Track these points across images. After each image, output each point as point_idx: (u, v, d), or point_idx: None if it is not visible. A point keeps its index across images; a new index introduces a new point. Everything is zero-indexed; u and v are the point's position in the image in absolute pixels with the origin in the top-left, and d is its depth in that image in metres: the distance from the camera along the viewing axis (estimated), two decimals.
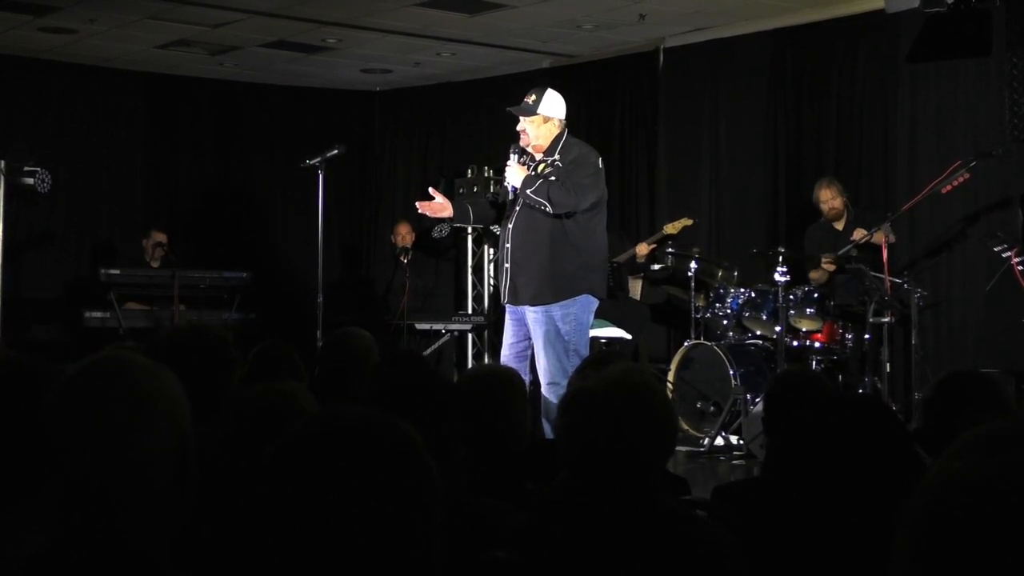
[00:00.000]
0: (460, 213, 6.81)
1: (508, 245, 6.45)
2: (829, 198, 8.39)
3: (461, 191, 11.06)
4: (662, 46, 10.02)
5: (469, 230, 11.24)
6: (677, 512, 2.37)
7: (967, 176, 7.61)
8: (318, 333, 7.76)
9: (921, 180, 8.15)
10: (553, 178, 6.32)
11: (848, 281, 8.19)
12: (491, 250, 11.33)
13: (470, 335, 11.07)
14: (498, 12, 9.06)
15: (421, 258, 11.00)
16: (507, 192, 6.65)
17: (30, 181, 8.59)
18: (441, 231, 11.32)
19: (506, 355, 6.42)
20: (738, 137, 9.61)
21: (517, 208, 6.43)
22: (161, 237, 10.21)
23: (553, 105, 6.56)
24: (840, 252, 8.01)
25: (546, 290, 6.28)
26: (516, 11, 9.02)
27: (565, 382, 5.95)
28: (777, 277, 7.67)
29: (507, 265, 6.44)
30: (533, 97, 6.59)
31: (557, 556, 2.27)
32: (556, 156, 6.45)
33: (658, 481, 2.37)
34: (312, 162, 7.95)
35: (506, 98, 11.28)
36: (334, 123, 11.63)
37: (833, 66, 9.05)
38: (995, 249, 7.38)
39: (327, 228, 8.28)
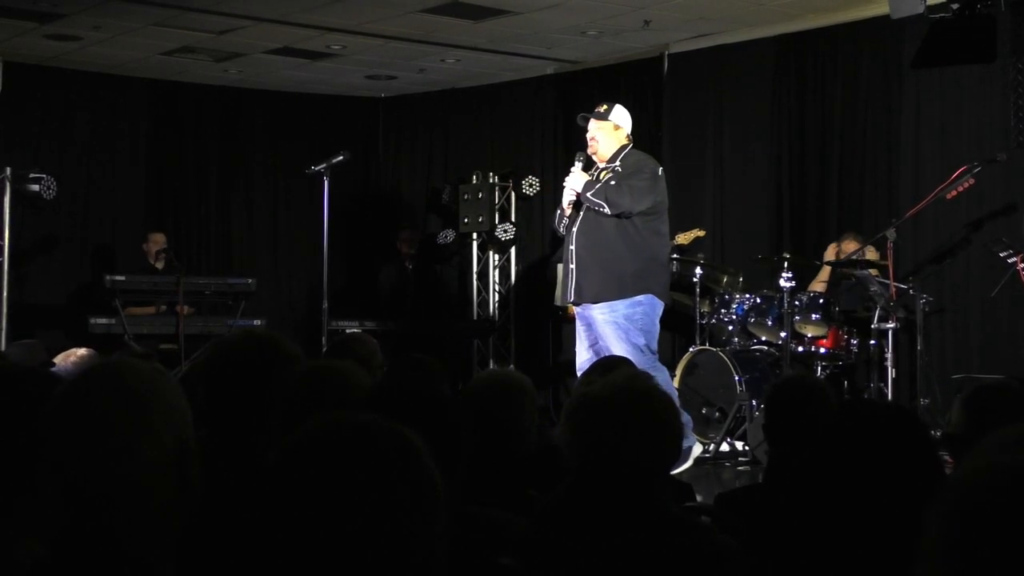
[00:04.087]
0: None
1: (572, 247, 6.73)
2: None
3: (466, 197, 11.07)
4: (667, 52, 10.02)
5: (474, 236, 11.24)
6: (681, 518, 2.37)
7: (972, 182, 7.61)
8: (323, 339, 7.78)
9: (926, 186, 8.15)
10: (613, 182, 6.61)
11: (853, 287, 8.19)
12: (496, 256, 11.33)
13: (475, 341, 11.07)
14: (502, 19, 9.06)
15: (426, 264, 11.00)
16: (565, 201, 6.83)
17: (35, 188, 8.61)
18: (446, 237, 11.33)
19: (582, 361, 6.58)
20: (742, 143, 9.60)
21: (580, 213, 6.71)
22: (160, 239, 10.22)
23: (622, 116, 6.87)
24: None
25: (610, 287, 6.56)
26: (521, 18, 9.02)
27: (654, 370, 6.28)
28: (782, 283, 7.66)
29: (572, 266, 6.71)
30: (604, 106, 6.90)
31: (561, 562, 2.27)
32: (617, 164, 6.74)
33: (662, 487, 2.36)
34: (317, 168, 7.96)
35: (511, 104, 11.37)
36: (339, 129, 11.64)
37: (837, 72, 9.05)
38: (1000, 254, 7.37)
39: (332, 234, 8.28)
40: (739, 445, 7.68)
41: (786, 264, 7.69)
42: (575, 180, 6.70)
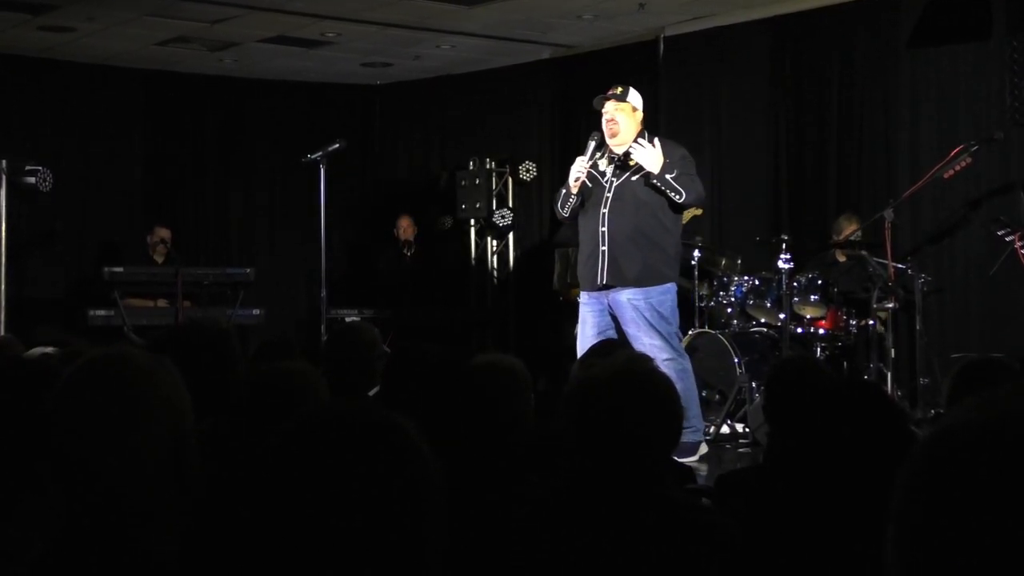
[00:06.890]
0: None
1: (604, 229, 6.58)
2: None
3: (463, 183, 11.06)
4: (662, 35, 10.00)
5: (472, 222, 11.24)
6: (682, 500, 2.37)
7: (969, 161, 7.60)
8: (322, 328, 7.77)
9: (923, 165, 8.14)
10: (675, 172, 6.53)
11: (851, 267, 8.19)
12: (494, 242, 11.32)
13: (473, 328, 11.07)
14: (497, 3, 9.04)
15: (424, 251, 11.00)
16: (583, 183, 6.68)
17: (32, 180, 8.59)
18: (444, 223, 11.32)
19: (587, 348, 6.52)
20: (739, 125, 9.59)
21: (609, 195, 6.60)
22: (165, 233, 10.23)
23: (639, 99, 6.77)
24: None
25: (650, 272, 6.51)
26: (515, 2, 9.00)
27: (681, 357, 6.48)
28: (780, 264, 7.66)
29: (603, 248, 6.56)
30: (620, 88, 6.77)
31: (562, 545, 2.27)
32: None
33: (663, 469, 2.36)
34: (313, 157, 7.93)
35: (507, 90, 11.34)
36: (335, 118, 11.62)
37: (833, 52, 9.03)
38: (998, 233, 7.37)
39: (329, 223, 8.26)
40: (739, 427, 7.69)
41: (784, 246, 7.69)
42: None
